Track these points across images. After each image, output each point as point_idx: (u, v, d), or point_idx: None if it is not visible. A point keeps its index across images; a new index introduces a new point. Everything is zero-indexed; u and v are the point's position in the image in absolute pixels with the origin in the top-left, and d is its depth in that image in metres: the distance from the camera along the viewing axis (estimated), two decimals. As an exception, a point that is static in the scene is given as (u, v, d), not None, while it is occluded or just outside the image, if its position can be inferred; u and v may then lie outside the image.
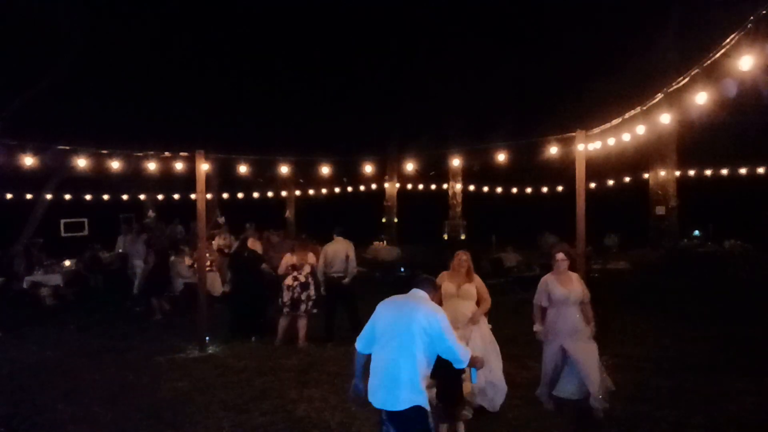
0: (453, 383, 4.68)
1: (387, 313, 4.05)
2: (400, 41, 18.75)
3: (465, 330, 5.76)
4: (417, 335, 3.83)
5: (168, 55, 16.64)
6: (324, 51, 19.04)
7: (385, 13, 18.27)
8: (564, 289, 5.81)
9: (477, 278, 6.17)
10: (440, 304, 4.59)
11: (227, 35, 17.79)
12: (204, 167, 8.55)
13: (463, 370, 4.51)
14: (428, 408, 3.86)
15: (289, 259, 8.89)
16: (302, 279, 8.75)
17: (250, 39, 18.05)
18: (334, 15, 18.34)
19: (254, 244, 10.54)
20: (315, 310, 8.84)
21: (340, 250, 9.16)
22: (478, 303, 6.03)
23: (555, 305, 5.85)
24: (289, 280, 8.76)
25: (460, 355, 3.98)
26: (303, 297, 8.69)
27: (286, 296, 8.71)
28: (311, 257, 8.98)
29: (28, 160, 8.39)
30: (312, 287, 8.82)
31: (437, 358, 4.00)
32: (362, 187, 21.78)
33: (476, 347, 5.60)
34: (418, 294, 4.16)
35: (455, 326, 4.90)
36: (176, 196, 19.26)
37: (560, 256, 5.91)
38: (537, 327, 6.02)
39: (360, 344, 4.15)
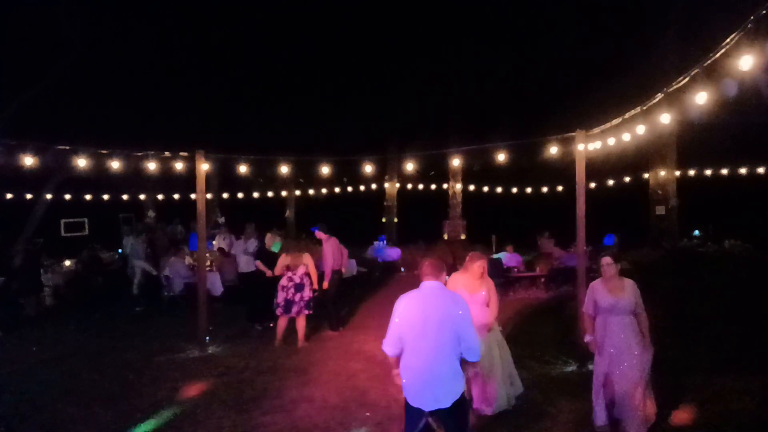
0: None
1: (412, 311, 4.03)
2: (400, 41, 18.73)
3: (480, 336, 5.73)
4: (451, 327, 3.90)
5: (168, 55, 16.62)
6: (324, 51, 19.05)
7: (385, 13, 18.26)
8: (611, 296, 5.27)
9: (489, 281, 5.99)
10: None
11: (227, 35, 17.78)
12: (204, 167, 8.57)
13: None
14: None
15: (284, 259, 8.90)
16: (297, 280, 8.74)
17: (250, 39, 18.06)
18: (334, 15, 18.33)
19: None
20: (309, 311, 8.85)
21: (338, 246, 9.90)
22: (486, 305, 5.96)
23: (601, 314, 5.35)
24: (284, 281, 8.77)
25: (478, 345, 4.02)
26: (297, 298, 8.69)
27: (281, 296, 8.72)
28: (306, 258, 8.96)
29: (28, 160, 8.38)
30: (307, 288, 8.80)
31: None
32: (362, 187, 21.76)
33: (494, 354, 5.76)
34: (434, 285, 4.12)
35: None
36: (176, 196, 19.27)
37: (606, 260, 5.39)
38: (588, 338, 5.49)
39: (389, 348, 4.11)
